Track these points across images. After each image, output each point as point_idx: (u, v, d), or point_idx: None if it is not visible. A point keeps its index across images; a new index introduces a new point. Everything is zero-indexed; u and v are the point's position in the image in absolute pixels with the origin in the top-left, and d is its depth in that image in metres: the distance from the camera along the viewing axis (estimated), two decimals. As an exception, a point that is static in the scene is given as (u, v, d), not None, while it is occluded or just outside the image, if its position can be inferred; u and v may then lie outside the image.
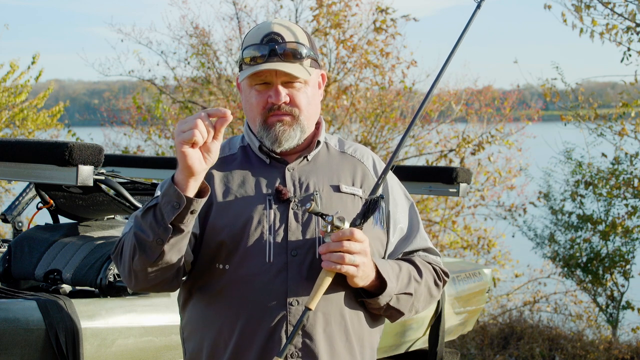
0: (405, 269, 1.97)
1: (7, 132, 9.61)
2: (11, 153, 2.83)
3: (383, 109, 9.46)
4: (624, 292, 8.52)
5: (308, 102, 2.00)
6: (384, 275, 1.89)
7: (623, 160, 8.46)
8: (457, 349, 6.60)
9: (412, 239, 2.06)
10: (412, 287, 1.96)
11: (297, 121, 1.98)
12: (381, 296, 1.90)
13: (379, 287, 1.91)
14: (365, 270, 1.86)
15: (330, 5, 9.33)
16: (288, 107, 1.97)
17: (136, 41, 10.36)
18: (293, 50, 1.95)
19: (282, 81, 1.96)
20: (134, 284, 1.89)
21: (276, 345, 1.87)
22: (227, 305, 1.91)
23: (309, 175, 2.00)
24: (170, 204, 1.73)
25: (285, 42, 1.95)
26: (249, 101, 2.00)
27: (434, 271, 2.04)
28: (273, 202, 1.94)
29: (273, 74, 1.95)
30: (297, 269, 1.90)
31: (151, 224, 1.76)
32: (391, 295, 1.91)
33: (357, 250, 1.83)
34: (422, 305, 2.02)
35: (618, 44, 7.54)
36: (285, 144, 1.98)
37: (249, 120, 2.04)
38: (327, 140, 2.11)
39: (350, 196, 2.00)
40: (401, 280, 1.94)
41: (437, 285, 2.05)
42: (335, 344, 1.91)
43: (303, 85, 1.99)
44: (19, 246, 3.13)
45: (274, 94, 1.95)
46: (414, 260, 2.02)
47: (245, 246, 1.90)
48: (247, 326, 1.89)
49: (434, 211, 9.83)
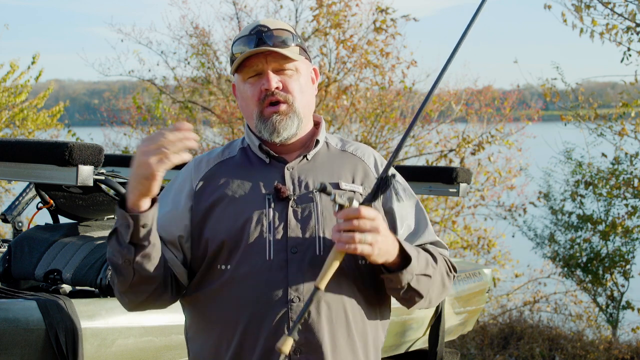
0: (422, 253, 1.97)
1: (7, 132, 9.61)
2: (11, 153, 2.83)
3: (383, 109, 9.46)
4: (624, 292, 8.52)
5: (301, 89, 2.01)
6: (408, 251, 1.87)
7: (623, 160, 8.46)
8: (457, 349, 6.60)
9: (420, 233, 2.06)
10: (430, 270, 1.95)
11: (292, 109, 1.99)
12: (405, 271, 1.87)
13: (400, 265, 1.89)
14: (382, 247, 1.82)
15: (330, 5, 9.33)
16: (282, 94, 1.98)
17: (136, 41, 10.38)
18: (280, 37, 1.99)
19: (273, 68, 1.98)
20: (127, 304, 1.96)
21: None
22: (228, 304, 1.91)
23: (308, 174, 2.01)
24: (124, 225, 1.78)
25: (272, 30, 1.99)
26: (244, 96, 2.02)
27: (445, 262, 2.05)
28: (272, 200, 1.94)
29: (263, 62, 1.97)
30: (297, 266, 1.90)
31: (116, 247, 1.82)
32: (413, 273, 1.89)
33: (368, 227, 1.79)
34: (436, 294, 2.00)
35: (618, 44, 7.54)
36: (284, 133, 1.99)
37: (246, 117, 2.05)
38: (328, 139, 2.12)
39: (350, 193, 1.99)
40: (421, 262, 1.92)
41: (449, 276, 2.05)
42: (337, 340, 1.91)
43: (294, 72, 2.00)
44: (19, 246, 3.13)
45: (266, 80, 1.97)
46: (427, 248, 2.03)
47: (245, 245, 1.91)
48: (249, 324, 1.89)
49: (434, 211, 9.83)
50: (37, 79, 9.82)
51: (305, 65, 2.05)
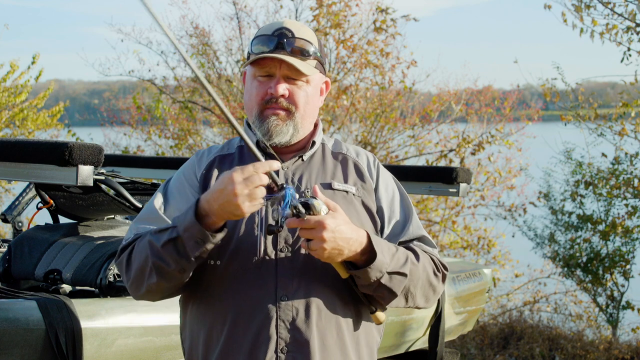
0: (402, 251, 1.96)
1: (7, 132, 9.61)
2: (11, 153, 2.83)
3: (383, 109, 9.46)
4: (624, 292, 8.52)
5: (306, 101, 2.01)
6: (375, 248, 1.87)
7: (623, 160, 8.46)
8: (457, 349, 6.59)
9: (406, 228, 2.06)
10: (407, 268, 1.93)
11: (291, 118, 2.00)
12: (370, 268, 1.86)
13: (369, 261, 1.88)
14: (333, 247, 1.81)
15: (330, 5, 9.33)
16: (285, 102, 1.99)
17: (136, 41, 10.39)
18: (300, 47, 1.98)
19: (285, 75, 1.98)
20: (143, 295, 1.95)
21: (267, 340, 1.87)
22: (218, 301, 1.92)
23: (302, 174, 2.03)
24: (193, 240, 1.79)
25: (295, 38, 1.98)
26: (250, 91, 2.03)
27: (432, 261, 2.03)
28: (264, 198, 1.95)
29: (277, 66, 1.98)
30: (287, 265, 1.91)
31: (172, 255, 1.82)
32: (382, 270, 1.88)
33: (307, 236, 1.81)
34: (420, 293, 1.98)
35: (618, 44, 7.54)
36: (276, 139, 2.00)
37: (246, 111, 2.06)
38: (325, 141, 2.13)
39: (342, 193, 2.01)
40: (396, 260, 1.91)
41: (437, 275, 2.02)
42: (326, 339, 1.91)
43: (304, 83, 2.01)
44: (19, 246, 3.13)
45: (274, 85, 1.98)
46: (411, 246, 2.02)
47: (236, 241, 1.92)
48: (238, 321, 1.90)
49: (434, 211, 9.83)
50: (37, 79, 9.83)
51: (318, 77, 2.05)
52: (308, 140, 2.08)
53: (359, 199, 2.03)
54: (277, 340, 1.87)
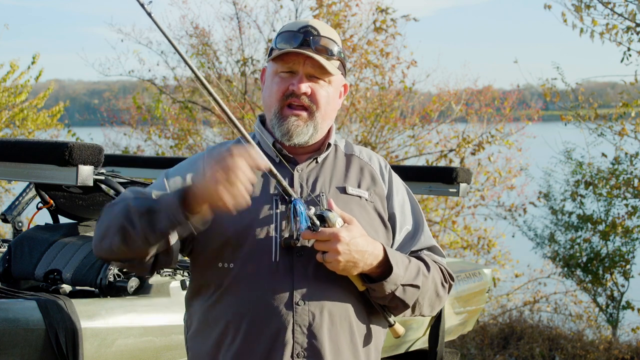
0: (414, 262, 1.96)
1: (7, 132, 9.61)
2: (11, 153, 2.83)
3: (383, 109, 9.46)
4: (624, 292, 8.52)
5: (327, 101, 1.99)
6: (391, 260, 1.88)
7: (623, 160, 8.46)
8: (457, 349, 6.59)
9: (417, 238, 2.06)
10: (419, 280, 1.94)
11: (312, 118, 1.97)
12: (386, 282, 1.87)
13: (384, 274, 1.89)
14: (348, 260, 1.83)
15: (330, 5, 9.33)
16: (307, 100, 1.96)
17: (136, 41, 10.39)
18: (325, 46, 1.96)
19: (308, 73, 1.95)
20: (102, 252, 1.87)
21: (283, 345, 1.86)
22: (232, 305, 1.89)
23: (316, 177, 2.00)
24: (168, 217, 1.73)
25: (320, 36, 1.96)
26: (271, 87, 1.99)
27: (441, 272, 2.03)
28: (279, 202, 1.93)
29: (300, 62, 1.95)
30: (303, 270, 1.89)
31: (144, 225, 1.75)
32: (397, 283, 1.89)
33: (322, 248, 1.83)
34: (427, 303, 1.99)
35: (618, 44, 7.54)
36: (296, 139, 1.97)
37: (265, 108, 2.03)
38: (337, 142, 2.11)
39: (356, 198, 1.99)
40: (409, 272, 1.92)
41: (444, 286, 2.03)
42: (340, 344, 1.90)
43: (326, 83, 1.98)
44: (19, 246, 3.13)
45: (296, 81, 1.95)
46: (422, 257, 2.02)
47: (251, 245, 1.89)
48: (253, 326, 1.87)
49: (434, 211, 9.82)
50: (37, 79, 9.82)
51: (340, 78, 2.03)
52: (323, 141, 2.05)
53: (372, 205, 2.01)
54: (293, 344, 1.86)
